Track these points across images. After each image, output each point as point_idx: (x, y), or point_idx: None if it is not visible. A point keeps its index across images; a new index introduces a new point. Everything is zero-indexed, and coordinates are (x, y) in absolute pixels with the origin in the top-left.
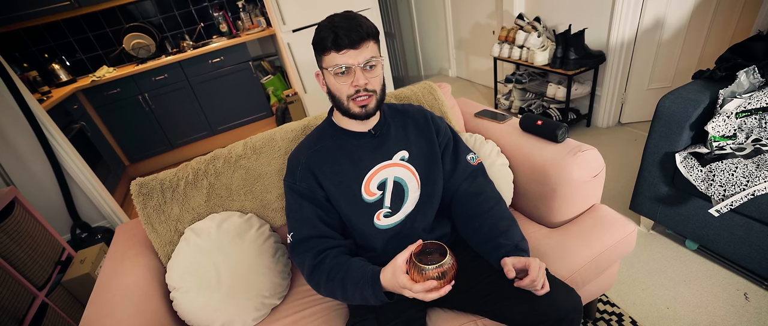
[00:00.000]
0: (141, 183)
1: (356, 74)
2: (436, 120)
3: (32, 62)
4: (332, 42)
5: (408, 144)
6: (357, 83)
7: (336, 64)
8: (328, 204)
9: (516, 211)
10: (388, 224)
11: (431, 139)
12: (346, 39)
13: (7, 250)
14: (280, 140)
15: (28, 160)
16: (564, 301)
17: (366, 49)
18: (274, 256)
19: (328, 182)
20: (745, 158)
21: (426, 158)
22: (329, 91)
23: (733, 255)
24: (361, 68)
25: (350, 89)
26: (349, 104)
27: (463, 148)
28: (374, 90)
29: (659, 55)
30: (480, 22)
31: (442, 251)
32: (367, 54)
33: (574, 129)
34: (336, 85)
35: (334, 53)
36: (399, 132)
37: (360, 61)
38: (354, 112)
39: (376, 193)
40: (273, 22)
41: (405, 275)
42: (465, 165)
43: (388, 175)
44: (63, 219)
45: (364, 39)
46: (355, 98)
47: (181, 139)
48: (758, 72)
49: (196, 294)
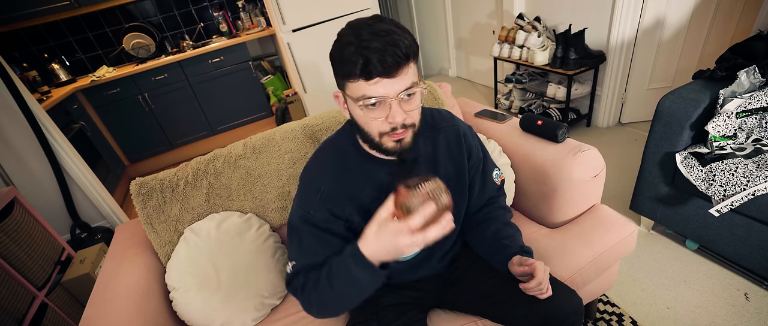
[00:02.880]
0: (141, 183)
1: (392, 108)
2: (469, 139)
3: (32, 62)
4: (362, 69)
5: (436, 169)
6: (393, 120)
7: (364, 95)
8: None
9: (516, 211)
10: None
11: (461, 165)
12: (379, 66)
13: (7, 250)
14: (279, 140)
15: (27, 160)
16: (566, 304)
17: (405, 75)
18: (273, 256)
19: (351, 212)
20: (745, 158)
21: (453, 185)
22: (354, 122)
23: (734, 255)
24: (398, 100)
25: (384, 125)
26: (382, 140)
27: (490, 165)
28: (412, 123)
29: (659, 55)
30: (480, 22)
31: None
32: (406, 81)
33: (575, 129)
34: (364, 119)
35: (362, 81)
36: (428, 153)
37: (397, 91)
38: (387, 147)
39: None
40: (273, 22)
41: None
42: (491, 186)
43: None
44: (63, 219)
45: (402, 63)
46: (389, 134)
47: (181, 139)
48: (759, 72)
49: (195, 294)
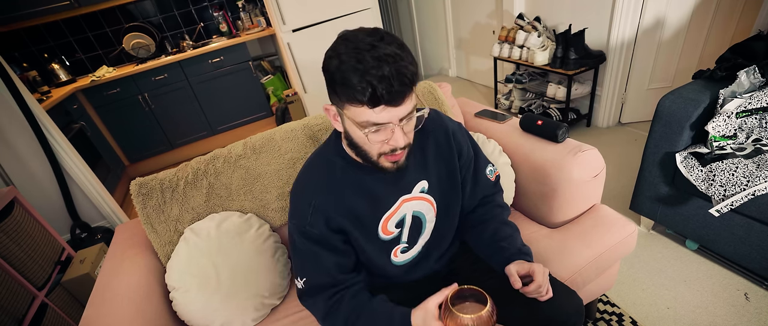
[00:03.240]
0: (141, 183)
1: (395, 133)
2: (458, 137)
3: (32, 62)
4: (370, 98)
5: (427, 171)
6: (395, 144)
7: (368, 121)
8: (347, 247)
9: (516, 211)
10: (405, 259)
11: (452, 164)
12: (386, 96)
13: (7, 250)
14: (280, 140)
15: (27, 160)
16: (566, 305)
17: (409, 101)
18: (273, 256)
19: (345, 223)
20: (745, 158)
21: (445, 185)
22: (350, 139)
23: (734, 255)
24: (399, 125)
25: (384, 147)
26: (379, 159)
27: (483, 161)
28: (409, 143)
29: (659, 55)
30: (480, 22)
31: (478, 297)
32: (409, 106)
33: (575, 129)
34: (364, 140)
35: (365, 108)
36: (418, 157)
37: (400, 116)
38: (384, 166)
39: (394, 231)
40: (273, 21)
41: (437, 321)
42: (484, 183)
43: (407, 211)
44: (63, 219)
45: (408, 92)
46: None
47: (181, 138)
48: (759, 72)
49: (195, 294)
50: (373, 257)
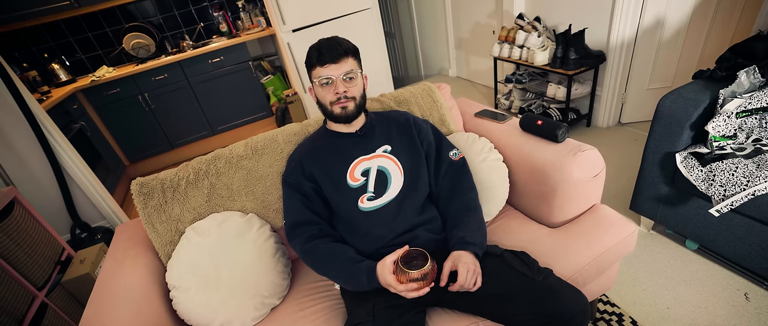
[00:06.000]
0: (141, 183)
1: (337, 84)
2: (418, 122)
3: (32, 62)
4: (317, 58)
5: (390, 140)
6: (337, 91)
7: (320, 76)
8: (314, 195)
9: (516, 211)
10: (371, 206)
11: (412, 137)
12: (327, 55)
13: (7, 250)
14: (282, 142)
15: (27, 160)
16: (572, 302)
17: (345, 63)
18: (274, 256)
19: (318, 173)
20: (745, 158)
21: (408, 151)
22: (318, 100)
23: (734, 255)
24: (341, 79)
25: (333, 96)
26: (332, 108)
27: (446, 145)
28: (353, 96)
29: (659, 55)
30: (480, 22)
31: (424, 257)
32: (346, 67)
33: (574, 129)
34: (321, 93)
35: (319, 67)
36: (383, 131)
37: (340, 73)
38: (336, 113)
39: (360, 179)
40: (273, 21)
41: (392, 275)
42: (448, 163)
43: (372, 165)
44: (63, 220)
45: (343, 55)
46: (336, 103)
47: (181, 139)
48: (759, 72)
49: (195, 293)
50: (341, 203)
